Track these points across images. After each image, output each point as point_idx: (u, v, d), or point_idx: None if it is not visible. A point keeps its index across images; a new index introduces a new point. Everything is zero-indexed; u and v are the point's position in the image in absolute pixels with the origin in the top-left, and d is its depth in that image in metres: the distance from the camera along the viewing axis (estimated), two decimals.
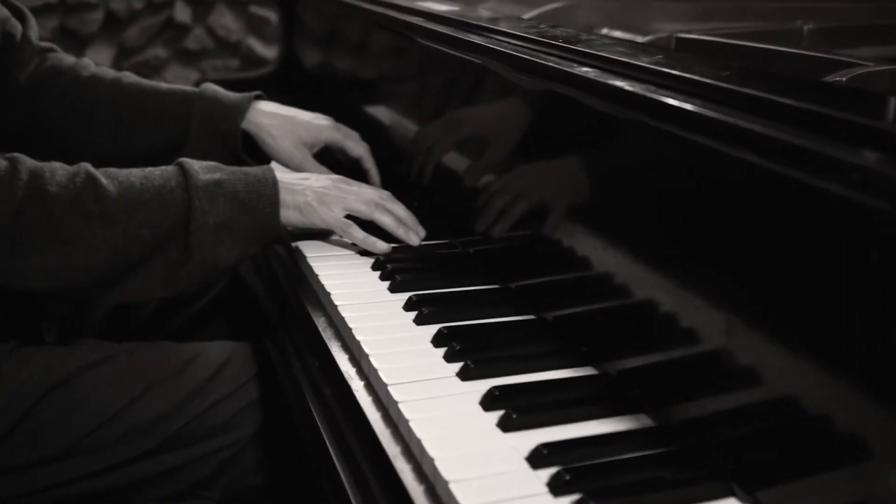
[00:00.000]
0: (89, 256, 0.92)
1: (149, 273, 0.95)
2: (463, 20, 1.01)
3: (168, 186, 0.96)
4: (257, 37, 3.11)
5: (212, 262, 0.97)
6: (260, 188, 0.99)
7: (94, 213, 0.92)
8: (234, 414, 1.06)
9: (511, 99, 0.96)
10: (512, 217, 0.97)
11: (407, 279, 0.96)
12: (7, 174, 0.91)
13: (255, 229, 0.98)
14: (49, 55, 1.28)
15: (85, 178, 0.94)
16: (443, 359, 0.82)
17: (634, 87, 0.70)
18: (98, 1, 2.96)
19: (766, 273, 0.62)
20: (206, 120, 1.22)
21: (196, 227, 0.95)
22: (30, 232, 0.90)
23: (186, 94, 1.24)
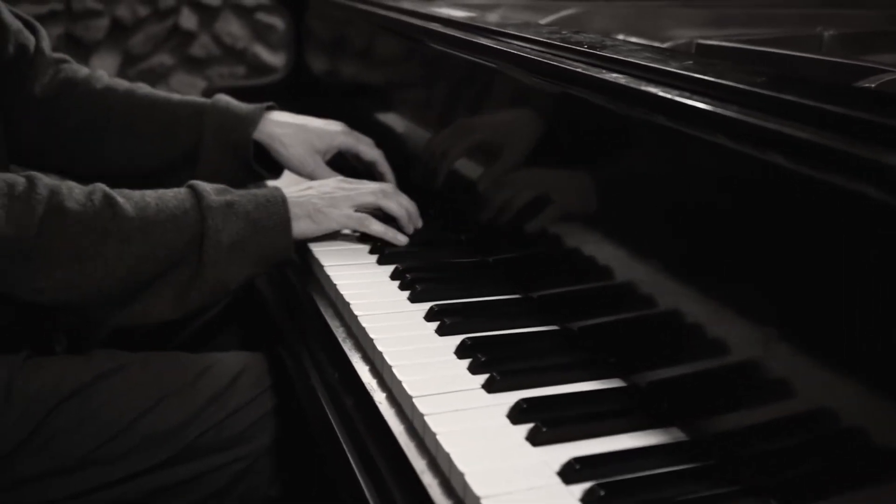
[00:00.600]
0: (105, 274, 0.92)
1: (159, 293, 0.96)
2: (482, 26, 1.00)
3: (182, 207, 0.97)
4: (263, 44, 3.10)
5: (223, 281, 0.97)
6: (270, 207, 1.00)
7: (111, 231, 0.92)
8: (250, 425, 1.05)
9: (533, 105, 0.95)
10: (533, 225, 0.95)
11: (427, 289, 0.95)
12: (25, 190, 0.91)
13: (267, 249, 0.99)
14: (63, 66, 1.27)
15: (102, 197, 0.94)
16: (467, 370, 0.80)
17: (668, 93, 0.69)
18: (103, 8, 2.95)
19: (804, 282, 0.60)
20: (219, 131, 1.22)
21: (209, 245, 0.95)
22: (48, 247, 0.90)
23: (199, 105, 1.24)
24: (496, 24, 1.01)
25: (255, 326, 1.30)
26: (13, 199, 0.89)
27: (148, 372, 1.04)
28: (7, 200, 0.89)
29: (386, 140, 1.34)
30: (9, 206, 0.89)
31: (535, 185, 0.96)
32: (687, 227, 0.72)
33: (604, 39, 0.87)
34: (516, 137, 0.99)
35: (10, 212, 0.88)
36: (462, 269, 1.03)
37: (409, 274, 0.98)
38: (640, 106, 0.74)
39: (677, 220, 0.73)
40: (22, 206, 0.89)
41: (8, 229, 0.88)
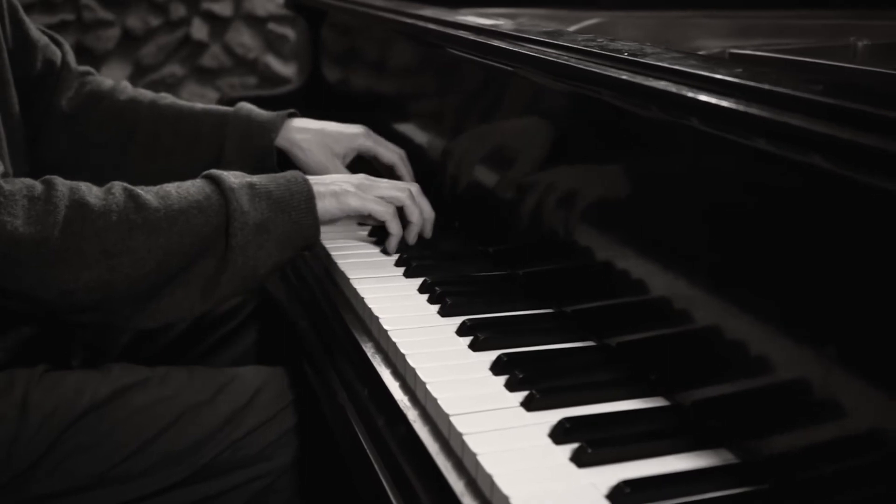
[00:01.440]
0: (134, 269, 0.89)
1: (187, 286, 0.92)
2: (515, 34, 0.98)
3: (203, 193, 0.94)
4: (275, 54, 3.09)
5: (252, 266, 0.94)
6: (292, 186, 0.98)
7: (136, 223, 0.89)
8: (270, 443, 1.03)
9: (566, 114, 0.92)
10: (565, 237, 0.93)
11: (458, 303, 0.92)
12: (44, 190, 0.88)
13: (293, 230, 0.96)
14: (88, 78, 1.27)
15: (122, 190, 0.91)
16: (504, 388, 0.78)
17: (721, 101, 0.66)
18: (114, 18, 2.94)
19: (860, 296, 0.58)
20: (242, 138, 1.21)
21: (237, 227, 0.92)
22: (74, 246, 0.86)
23: (222, 114, 1.24)
24: (529, 31, 0.98)
25: (274, 339, 1.28)
26: (33, 200, 0.87)
27: (166, 387, 1.01)
28: (27, 202, 0.86)
29: (407, 150, 1.32)
30: (29, 207, 0.86)
31: (567, 196, 0.93)
32: (733, 238, 0.70)
33: (643, 47, 0.84)
34: (547, 147, 0.97)
35: (30, 212, 0.86)
36: (492, 283, 1.01)
37: (438, 287, 0.95)
38: (688, 114, 0.71)
39: (722, 232, 0.71)
40: (43, 205, 0.86)
41: (31, 229, 0.85)
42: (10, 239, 0.84)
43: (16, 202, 0.85)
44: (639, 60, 0.78)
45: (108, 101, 1.24)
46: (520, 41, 0.96)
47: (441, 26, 1.12)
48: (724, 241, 0.71)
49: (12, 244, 0.84)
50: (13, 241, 0.84)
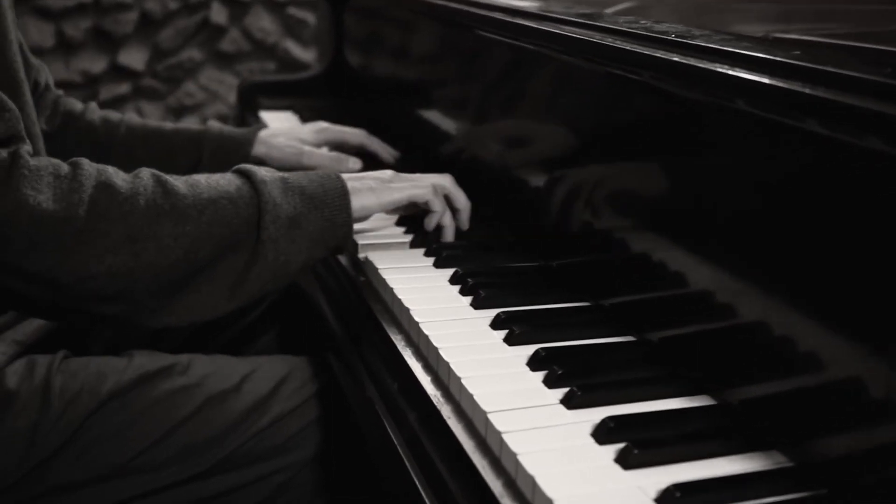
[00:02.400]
0: (160, 257, 0.85)
1: (214, 280, 0.88)
2: (554, 15, 0.94)
3: (234, 184, 0.91)
4: (295, 39, 3.05)
5: (283, 262, 0.90)
6: (325, 182, 0.95)
7: (164, 209, 0.86)
8: (293, 434, 1.01)
9: (607, 98, 0.89)
10: (602, 227, 0.90)
11: (491, 295, 0.89)
12: (71, 170, 0.85)
13: (326, 227, 0.93)
14: (61, 100, 1.29)
15: (150, 175, 0.89)
16: (542, 384, 0.74)
17: (784, 84, 0.62)
18: (132, 1, 2.91)
19: None
20: (218, 153, 1.25)
21: (269, 220, 0.89)
22: (99, 228, 0.83)
23: (196, 131, 1.29)
24: (566, 13, 0.95)
25: (297, 329, 1.25)
26: (59, 177, 0.83)
27: (190, 376, 0.99)
28: (53, 179, 0.83)
29: (433, 136, 1.29)
30: (55, 185, 0.82)
31: (604, 184, 0.90)
32: (784, 228, 0.67)
33: (690, 29, 0.80)
34: (583, 133, 0.93)
35: (56, 190, 0.82)
36: (525, 274, 0.97)
37: (470, 278, 0.92)
38: (742, 98, 0.68)
39: (772, 221, 0.68)
40: (69, 183, 0.83)
41: (55, 206, 0.81)
42: (32, 215, 0.80)
43: (41, 178, 0.82)
44: (689, 42, 0.74)
45: (82, 121, 1.28)
46: (557, 23, 0.93)
47: (472, 7, 1.08)
48: (774, 231, 0.68)
49: (35, 221, 0.80)
50: (36, 217, 0.80)
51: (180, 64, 2.99)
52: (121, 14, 2.92)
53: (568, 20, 0.91)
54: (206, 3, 2.96)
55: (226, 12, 2.99)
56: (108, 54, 2.93)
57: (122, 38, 2.94)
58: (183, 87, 3.01)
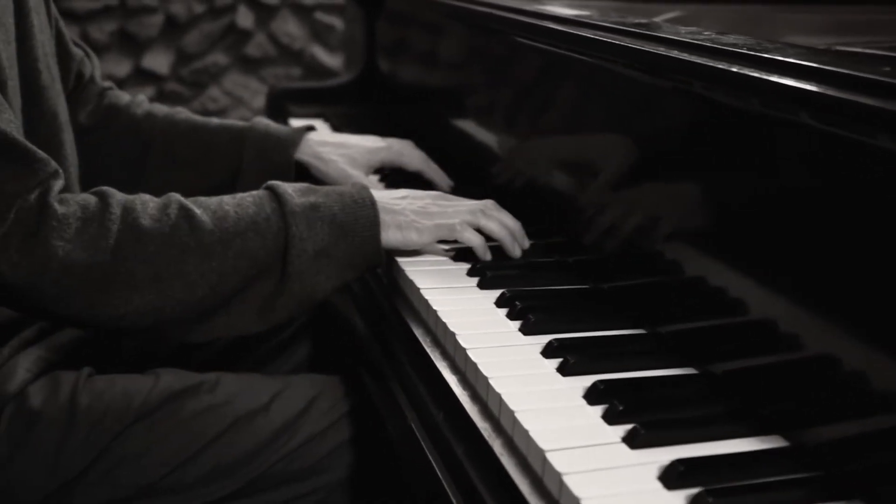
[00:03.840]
0: (186, 293, 0.85)
1: (242, 307, 0.88)
2: (610, 25, 0.89)
3: (263, 213, 0.89)
4: (321, 44, 3.02)
5: (310, 291, 0.90)
6: (357, 210, 0.92)
7: (189, 246, 0.85)
8: (324, 456, 0.98)
9: (665, 111, 0.84)
10: (656, 248, 0.85)
11: (541, 320, 0.84)
12: (98, 210, 0.84)
13: (354, 255, 0.91)
14: (107, 93, 1.26)
15: (178, 210, 0.87)
16: (602, 419, 0.70)
17: (874, 103, 0.57)
18: (158, 4, 2.89)
19: None
20: (260, 153, 1.20)
21: (294, 255, 0.88)
22: (126, 270, 0.83)
23: (238, 129, 1.23)
24: (622, 22, 0.90)
25: (328, 348, 1.21)
26: (86, 221, 0.83)
27: (218, 395, 0.97)
28: (80, 224, 0.83)
29: (474, 151, 1.24)
30: (82, 230, 0.83)
31: (659, 202, 0.85)
32: (857, 254, 0.62)
33: (759, 42, 0.76)
34: (638, 149, 0.89)
35: (83, 236, 0.82)
36: (576, 298, 0.93)
37: (518, 301, 0.87)
38: (821, 115, 0.63)
39: (844, 246, 0.63)
40: (96, 228, 0.83)
41: (83, 253, 0.82)
42: (62, 265, 0.81)
43: (69, 225, 0.82)
44: (764, 56, 0.69)
45: (124, 115, 1.24)
46: (614, 33, 0.88)
47: (523, 16, 1.04)
48: (848, 256, 0.63)
49: (64, 269, 0.81)
50: (65, 267, 0.81)
51: (205, 68, 2.96)
52: (146, 17, 2.90)
53: (622, 30, 0.86)
54: (233, 7, 2.94)
55: (252, 16, 2.96)
56: (132, 58, 2.91)
57: (146, 42, 2.92)
58: (207, 92, 2.98)
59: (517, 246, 0.99)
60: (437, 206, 0.98)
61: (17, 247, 0.80)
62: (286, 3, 2.96)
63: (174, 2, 2.89)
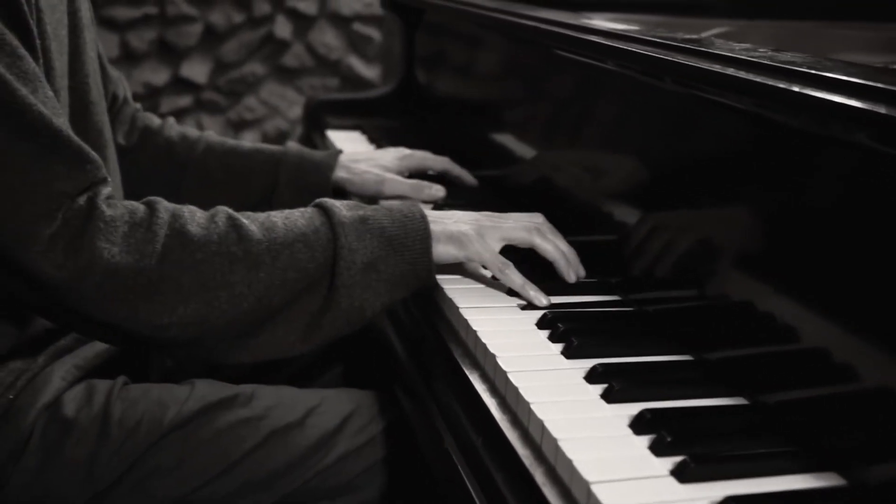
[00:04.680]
0: (232, 305, 0.83)
1: (288, 324, 0.86)
2: (659, 40, 0.87)
3: (312, 226, 0.87)
4: (359, 55, 3.02)
5: (357, 308, 0.87)
6: (407, 223, 0.90)
7: (237, 256, 0.83)
8: (358, 473, 0.96)
9: (717, 131, 0.81)
10: (704, 271, 0.82)
11: (585, 343, 0.81)
12: (146, 215, 0.83)
13: (405, 270, 0.89)
14: (139, 114, 1.27)
15: (226, 219, 0.86)
16: (649, 451, 0.67)
17: None
18: (197, 14, 2.90)
19: None
20: (297, 175, 1.21)
21: (343, 267, 0.85)
22: (171, 277, 0.81)
23: (272, 151, 1.25)
24: (671, 38, 0.87)
25: (363, 361, 1.19)
26: (134, 225, 0.82)
27: (253, 407, 0.96)
28: (128, 228, 0.82)
29: (515, 165, 1.22)
30: (129, 234, 0.81)
31: (708, 225, 0.83)
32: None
33: (818, 60, 0.73)
34: (686, 167, 0.86)
35: (130, 240, 0.81)
36: (619, 320, 0.90)
37: (561, 323, 0.85)
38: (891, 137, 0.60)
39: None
40: (143, 232, 0.82)
41: (128, 258, 0.80)
42: (106, 268, 0.80)
43: (116, 228, 0.81)
44: (823, 75, 0.67)
45: (160, 137, 1.25)
46: (666, 49, 0.85)
47: (564, 29, 1.01)
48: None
49: (108, 274, 0.80)
50: (110, 270, 0.80)
51: (242, 78, 2.97)
52: (185, 26, 2.91)
53: (677, 46, 0.83)
54: (271, 17, 2.94)
55: (290, 27, 2.96)
56: (170, 66, 2.92)
57: (185, 51, 2.93)
58: (244, 102, 2.99)
59: (572, 272, 0.95)
60: (490, 220, 0.95)
61: (63, 247, 0.79)
62: (324, 13, 2.96)
63: (213, 11, 2.90)
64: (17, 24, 0.83)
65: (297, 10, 2.94)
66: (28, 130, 0.79)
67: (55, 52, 0.91)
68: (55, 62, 0.90)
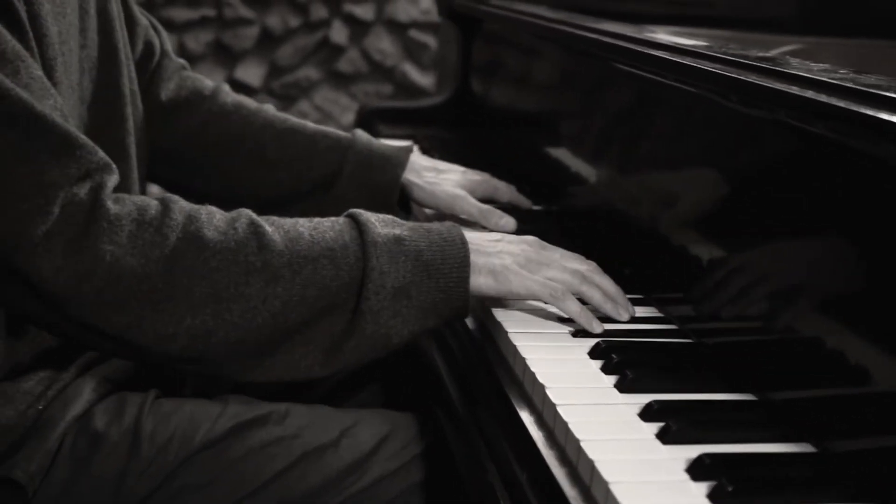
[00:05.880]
0: (244, 319, 0.78)
1: (306, 345, 0.80)
2: (731, 58, 0.82)
3: (341, 241, 0.81)
4: (414, 63, 2.99)
5: (383, 336, 0.81)
6: (446, 248, 0.84)
7: (255, 266, 0.78)
8: (393, 498, 0.93)
9: (794, 158, 0.76)
10: (769, 305, 0.77)
11: (640, 377, 0.77)
12: (158, 215, 0.77)
13: (438, 298, 0.83)
14: (187, 73, 1.20)
15: (247, 225, 0.80)
16: (708, 499, 0.62)
17: None
18: (254, 17, 2.90)
19: None
20: (362, 168, 1.14)
21: (371, 290, 0.80)
22: (181, 284, 0.76)
23: (339, 138, 1.16)
24: (745, 55, 0.83)
25: (402, 381, 1.16)
26: (142, 225, 0.76)
27: (287, 426, 0.93)
28: (136, 227, 0.76)
29: (568, 182, 1.18)
30: (136, 234, 0.75)
31: (776, 258, 0.78)
32: None
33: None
34: (756, 195, 0.81)
35: (136, 241, 0.75)
36: (676, 353, 0.85)
37: (615, 354, 0.80)
38: None
39: None
40: (152, 234, 0.76)
41: (134, 262, 0.75)
42: (109, 271, 0.74)
43: (121, 227, 0.75)
44: None
45: (210, 103, 1.17)
46: (738, 68, 0.80)
47: (632, 44, 0.97)
48: None
49: (112, 278, 0.74)
50: (114, 273, 0.74)
51: (296, 82, 2.96)
52: (242, 29, 2.91)
53: (751, 65, 0.78)
54: (327, 22, 2.93)
55: (346, 32, 2.95)
56: (225, 68, 2.93)
57: (240, 53, 2.93)
58: (297, 106, 2.99)
59: (620, 310, 0.89)
60: (537, 254, 0.89)
61: (62, 248, 0.73)
62: (381, 19, 2.95)
63: (270, 14, 2.90)
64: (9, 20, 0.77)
65: (354, 15, 2.93)
66: (5, 118, 0.73)
67: (53, 33, 0.84)
68: (50, 28, 0.83)
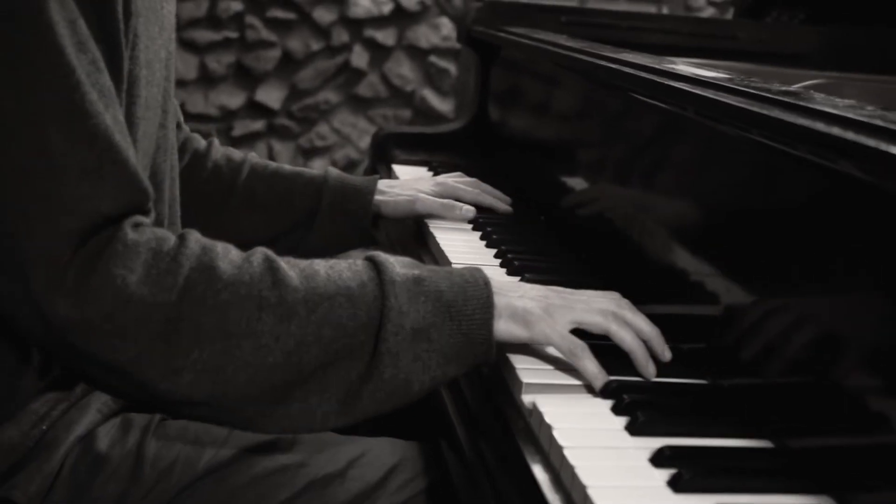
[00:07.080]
0: (255, 357, 0.74)
1: (322, 392, 0.77)
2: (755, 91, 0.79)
3: (358, 279, 0.79)
4: (433, 88, 2.99)
5: (403, 381, 0.78)
6: (468, 288, 0.81)
7: (269, 302, 0.75)
8: None
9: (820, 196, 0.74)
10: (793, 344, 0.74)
11: (651, 419, 0.74)
12: (174, 246, 0.75)
13: (460, 342, 0.79)
14: (185, 135, 1.26)
15: (262, 261, 0.78)
16: None
17: None
18: (276, 39, 2.91)
19: None
20: (338, 198, 1.24)
21: (390, 331, 0.76)
22: (191, 316, 0.73)
23: (314, 176, 1.27)
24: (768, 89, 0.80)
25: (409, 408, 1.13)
26: (158, 254, 0.74)
27: (293, 454, 0.91)
28: (150, 256, 0.74)
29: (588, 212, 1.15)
30: (150, 263, 0.73)
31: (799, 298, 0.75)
32: None
33: None
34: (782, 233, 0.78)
35: (150, 269, 0.73)
36: (690, 395, 0.82)
37: (626, 395, 0.77)
38: None
39: None
40: (167, 262, 0.74)
41: (145, 289, 0.72)
42: (117, 296, 0.71)
43: (137, 254, 0.73)
44: None
45: (207, 161, 1.25)
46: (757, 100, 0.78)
47: (654, 76, 0.95)
48: None
49: (120, 303, 0.71)
50: (122, 299, 0.71)
51: (316, 105, 2.97)
52: (263, 51, 2.92)
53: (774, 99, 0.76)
54: (349, 46, 2.94)
55: (367, 56, 2.95)
56: (246, 90, 2.94)
57: (261, 75, 2.94)
58: (315, 129, 2.99)
59: (651, 364, 0.83)
60: (561, 298, 0.85)
61: (75, 270, 0.71)
62: (402, 44, 2.95)
63: (292, 38, 2.91)
64: (106, 39, 0.77)
65: (375, 40, 2.93)
66: (87, 138, 0.73)
67: (143, 80, 0.85)
68: (141, 90, 0.85)
